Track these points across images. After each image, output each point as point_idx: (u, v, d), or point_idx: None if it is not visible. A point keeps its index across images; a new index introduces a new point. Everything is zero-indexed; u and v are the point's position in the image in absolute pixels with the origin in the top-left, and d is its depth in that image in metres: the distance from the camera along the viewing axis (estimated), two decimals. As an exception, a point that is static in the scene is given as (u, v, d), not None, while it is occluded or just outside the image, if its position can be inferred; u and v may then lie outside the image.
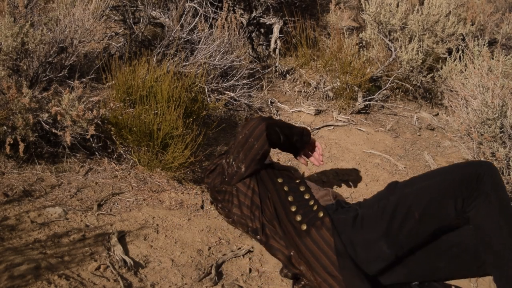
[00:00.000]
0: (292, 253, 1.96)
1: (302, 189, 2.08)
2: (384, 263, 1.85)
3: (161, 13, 3.56)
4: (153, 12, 3.56)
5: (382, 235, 1.82)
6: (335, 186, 2.81)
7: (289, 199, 2.03)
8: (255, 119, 2.13)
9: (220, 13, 3.50)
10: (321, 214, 1.94)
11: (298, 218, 1.96)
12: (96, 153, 2.57)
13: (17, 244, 1.88)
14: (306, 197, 2.04)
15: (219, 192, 2.20)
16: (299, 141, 2.25)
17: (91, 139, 2.50)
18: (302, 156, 2.37)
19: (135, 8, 3.70)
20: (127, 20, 3.50)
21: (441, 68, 3.81)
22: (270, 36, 4.17)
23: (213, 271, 1.98)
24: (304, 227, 1.93)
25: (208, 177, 2.26)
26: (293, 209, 2.00)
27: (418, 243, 1.84)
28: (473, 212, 1.72)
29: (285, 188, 2.06)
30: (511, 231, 1.68)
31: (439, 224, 1.78)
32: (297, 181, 2.13)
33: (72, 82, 2.59)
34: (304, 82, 3.84)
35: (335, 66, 3.75)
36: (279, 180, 2.10)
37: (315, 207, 1.98)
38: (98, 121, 2.42)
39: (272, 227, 2.03)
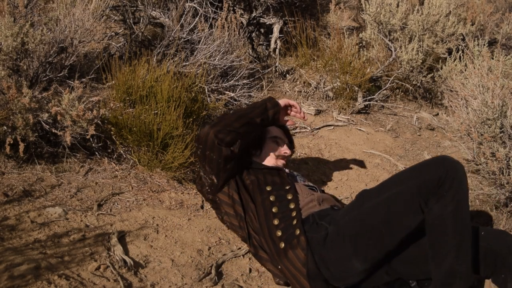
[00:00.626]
0: (279, 267, 1.95)
1: (289, 197, 2.04)
2: (359, 277, 1.85)
3: (161, 13, 3.56)
4: (153, 12, 3.56)
5: (352, 253, 1.80)
6: (335, 186, 2.81)
7: (273, 210, 2.00)
8: (203, 129, 2.08)
9: (220, 13, 3.50)
10: (298, 232, 1.91)
11: (279, 233, 1.94)
12: (96, 153, 2.57)
13: (17, 244, 1.88)
14: (291, 206, 2.01)
15: (208, 200, 2.23)
16: (266, 118, 2.17)
17: (91, 139, 2.50)
18: (284, 120, 2.31)
19: (135, 8, 3.70)
20: (127, 20, 3.50)
21: (441, 68, 3.81)
22: (270, 36, 4.16)
23: (213, 271, 1.98)
24: (282, 245, 1.91)
25: (198, 184, 2.27)
26: (276, 222, 1.97)
27: (391, 251, 1.81)
28: (427, 211, 1.71)
29: (271, 198, 2.03)
30: (457, 234, 1.67)
31: (407, 232, 1.76)
32: (287, 187, 2.09)
33: (72, 82, 2.59)
34: (304, 82, 3.84)
35: (335, 66, 3.75)
36: (268, 188, 2.07)
37: (294, 221, 1.95)
38: (98, 121, 2.42)
39: (258, 239, 2.03)
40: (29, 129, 2.30)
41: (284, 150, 2.34)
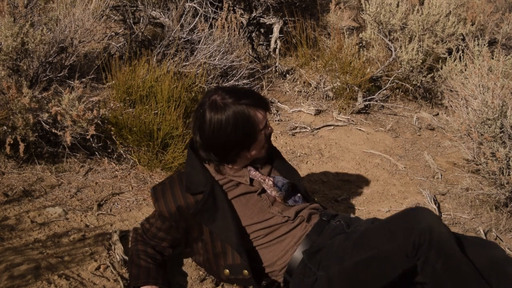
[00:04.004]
0: None
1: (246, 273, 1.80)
2: None
3: (161, 13, 3.56)
4: (153, 12, 3.55)
5: None
6: (335, 186, 2.81)
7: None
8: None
9: (220, 13, 3.50)
10: None
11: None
12: (96, 153, 2.57)
13: (17, 244, 1.88)
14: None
15: None
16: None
17: (91, 139, 2.50)
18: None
19: (135, 8, 3.70)
20: (127, 20, 3.50)
21: (441, 68, 3.81)
22: (270, 36, 4.16)
23: (213, 271, 1.98)
24: None
25: None
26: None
27: None
28: (419, 271, 1.64)
29: (234, 285, 1.84)
30: (459, 282, 1.61)
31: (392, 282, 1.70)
32: (245, 272, 1.79)
33: (72, 82, 2.59)
34: (304, 82, 3.84)
35: (335, 66, 3.75)
36: (226, 272, 1.82)
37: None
38: (98, 121, 2.42)
39: None
40: (29, 129, 2.30)
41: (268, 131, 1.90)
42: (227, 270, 1.81)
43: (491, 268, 1.69)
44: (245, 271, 1.79)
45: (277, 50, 4.06)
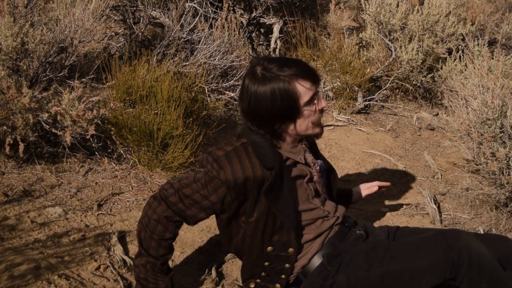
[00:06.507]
0: None
1: (287, 265, 1.75)
2: None
3: (161, 13, 3.56)
4: (153, 12, 3.55)
5: None
6: (335, 186, 2.81)
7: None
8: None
9: (220, 13, 3.50)
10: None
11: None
12: (96, 153, 2.57)
13: (17, 244, 1.88)
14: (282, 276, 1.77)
15: None
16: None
17: (91, 139, 2.50)
18: None
19: (135, 8, 3.70)
20: (127, 20, 3.50)
21: (441, 68, 3.81)
22: (270, 36, 4.17)
23: (213, 271, 1.98)
24: None
25: None
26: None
27: None
28: None
29: (265, 263, 1.74)
30: None
31: None
32: (290, 250, 1.72)
33: (72, 82, 2.59)
34: (304, 82, 3.84)
35: (335, 66, 3.75)
36: (269, 249, 1.72)
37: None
38: (98, 121, 2.42)
39: None
40: (29, 129, 2.30)
41: (321, 104, 1.74)
42: (271, 247, 1.71)
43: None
44: (291, 249, 1.71)
45: (277, 50, 4.06)
